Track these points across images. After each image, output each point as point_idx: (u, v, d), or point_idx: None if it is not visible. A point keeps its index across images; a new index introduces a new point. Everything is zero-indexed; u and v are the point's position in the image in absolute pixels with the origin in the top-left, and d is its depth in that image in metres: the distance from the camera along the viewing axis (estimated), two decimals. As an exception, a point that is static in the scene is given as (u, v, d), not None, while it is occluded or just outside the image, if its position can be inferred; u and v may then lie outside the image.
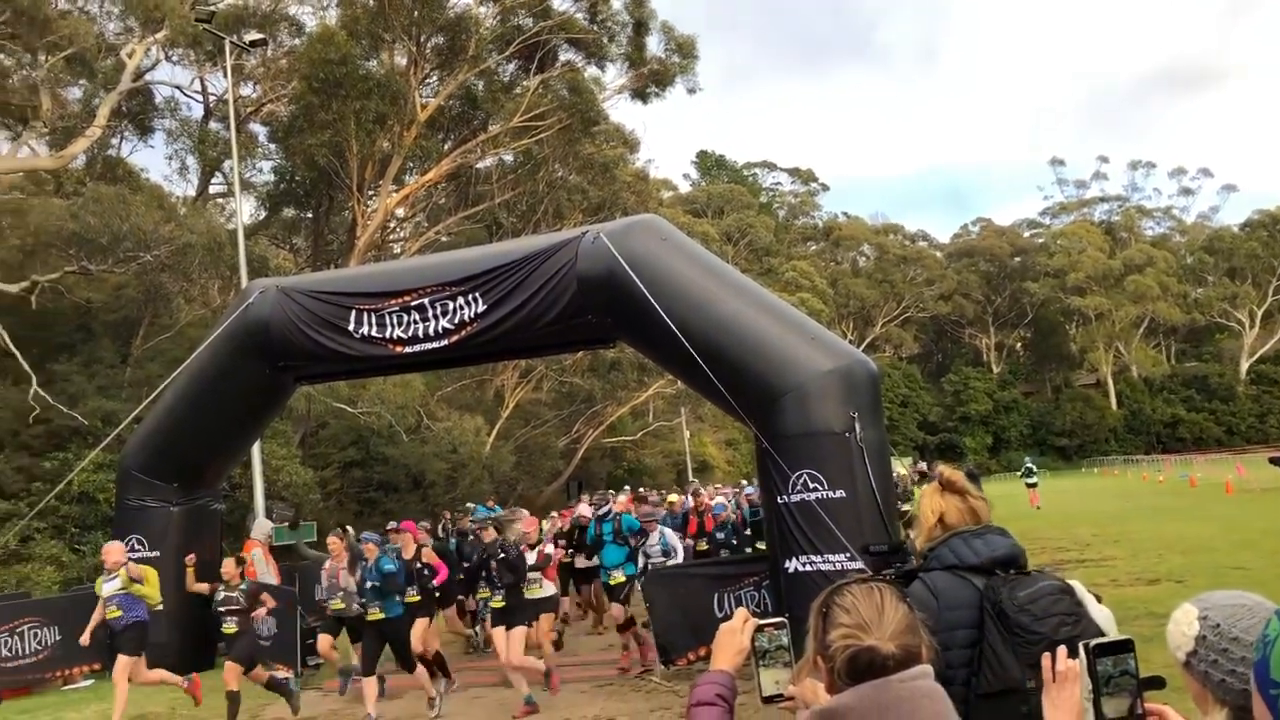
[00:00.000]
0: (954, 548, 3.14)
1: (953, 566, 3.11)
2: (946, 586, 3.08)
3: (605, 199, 33.90)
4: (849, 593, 2.05)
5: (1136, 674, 2.01)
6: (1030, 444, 78.40)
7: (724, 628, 2.40)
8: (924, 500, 3.30)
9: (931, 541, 3.20)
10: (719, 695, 2.27)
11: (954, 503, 3.21)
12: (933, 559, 3.17)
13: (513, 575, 9.79)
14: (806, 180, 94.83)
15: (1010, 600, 2.94)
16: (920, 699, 1.89)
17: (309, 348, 12.06)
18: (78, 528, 20.13)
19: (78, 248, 22.03)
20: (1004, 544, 3.12)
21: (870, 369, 10.25)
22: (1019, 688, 2.83)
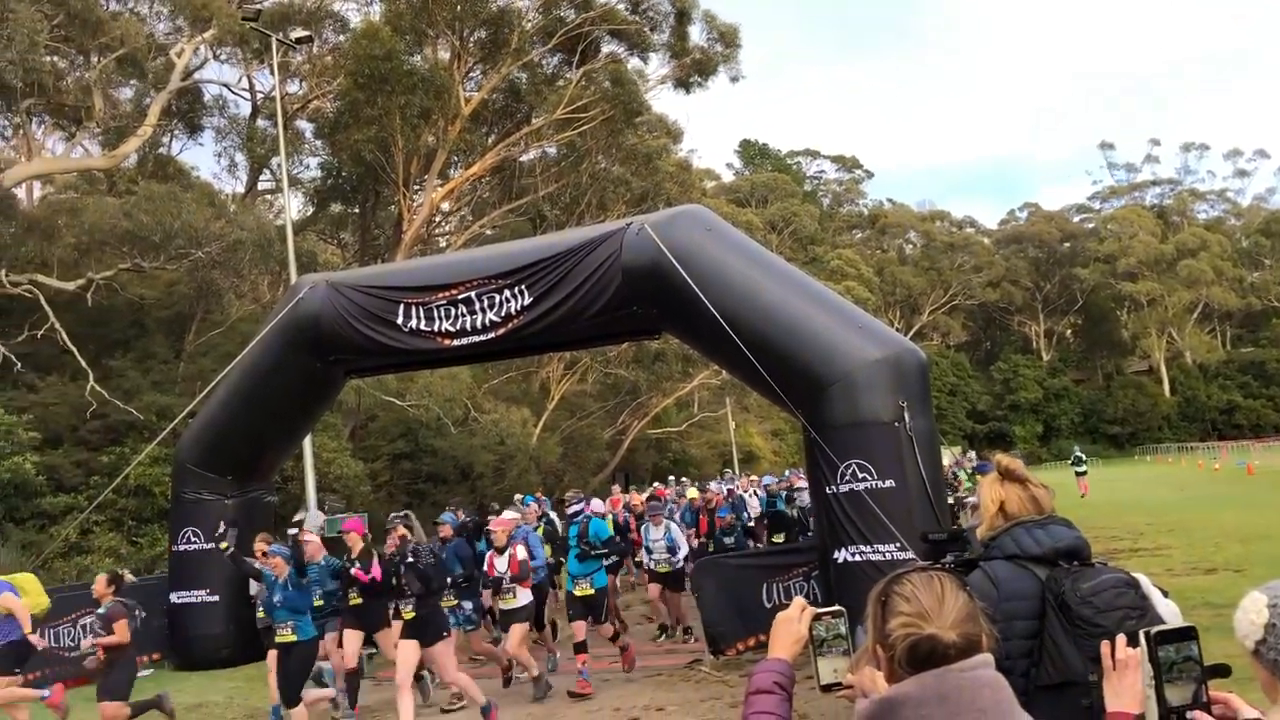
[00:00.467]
0: (1016, 537, 3.10)
1: (1014, 556, 3.07)
2: (1007, 576, 3.04)
3: (648, 190, 33.84)
4: (908, 581, 2.04)
5: (1200, 661, 1.99)
6: (1081, 432, 77.36)
7: (781, 616, 2.40)
8: (984, 489, 3.26)
9: (993, 531, 3.16)
10: (777, 683, 2.28)
11: (1014, 491, 3.17)
12: (994, 548, 3.14)
13: (421, 584, 8.65)
14: (851, 167, 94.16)
15: (1073, 592, 2.91)
16: (981, 688, 1.88)
17: (358, 341, 12.19)
18: (135, 520, 20.52)
19: (131, 245, 22.41)
20: (1068, 535, 3.08)
21: (919, 358, 10.16)
22: (1080, 680, 2.79)
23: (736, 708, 9.07)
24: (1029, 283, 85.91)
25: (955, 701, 1.85)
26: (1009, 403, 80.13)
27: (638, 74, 33.54)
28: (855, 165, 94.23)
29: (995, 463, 3.31)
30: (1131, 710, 2.14)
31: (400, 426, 28.58)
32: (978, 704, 1.86)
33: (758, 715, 2.23)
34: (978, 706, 1.86)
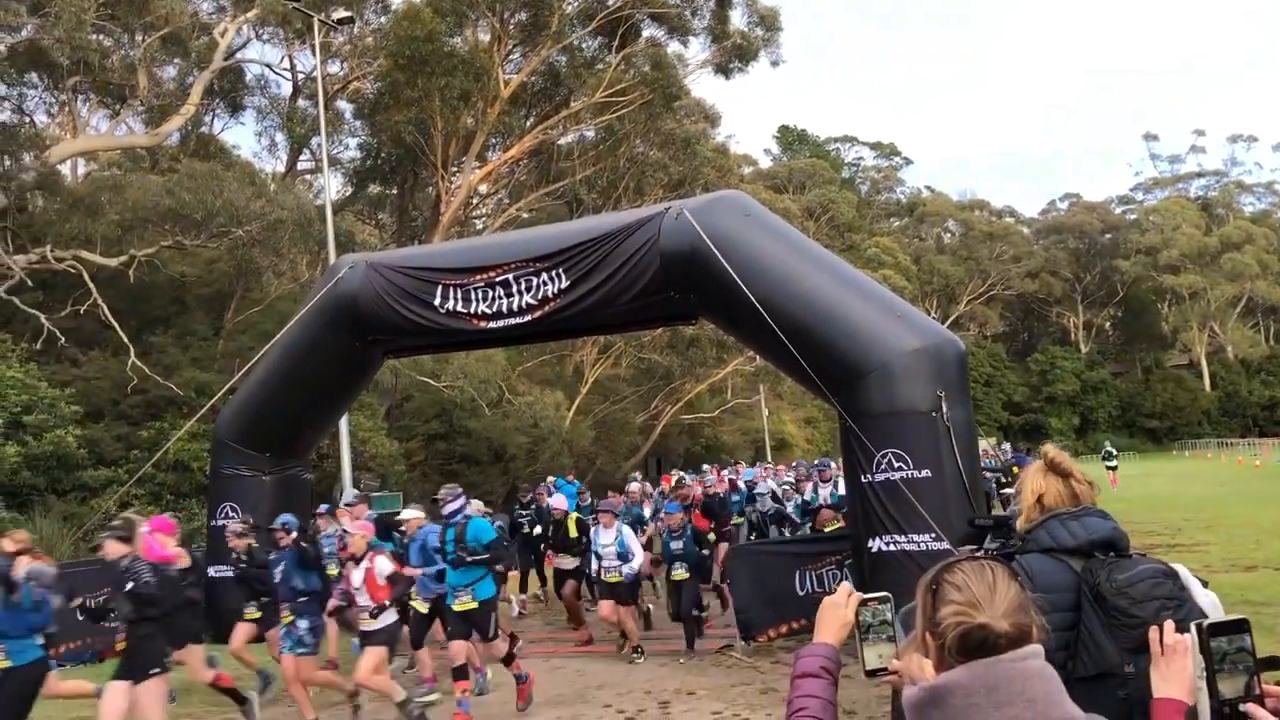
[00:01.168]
0: (1051, 530, 3.08)
1: (1049, 549, 3.05)
2: (1041, 569, 3.02)
3: (686, 174, 33.76)
4: (960, 570, 2.03)
5: (1253, 652, 1.97)
6: (1119, 426, 76.52)
7: (828, 601, 2.40)
8: (1026, 480, 3.23)
9: (1030, 524, 3.14)
10: (823, 667, 2.28)
11: (1054, 484, 3.14)
12: (1030, 541, 3.12)
13: (132, 607, 7.15)
14: (889, 154, 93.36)
15: (1109, 583, 2.89)
16: (1031, 678, 1.87)
17: (396, 322, 12.26)
18: (174, 495, 20.82)
19: (173, 223, 22.68)
20: (1103, 526, 3.05)
21: (958, 347, 10.08)
22: (1116, 672, 2.78)
23: (767, 694, 9.08)
24: (1068, 274, 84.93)
25: (1005, 691, 1.84)
26: (1045, 395, 79.37)
27: (677, 58, 33.44)
28: (894, 152, 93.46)
29: (1042, 454, 3.28)
30: (1181, 697, 2.12)
31: (435, 407, 28.78)
32: (1027, 694, 1.85)
33: (803, 699, 2.23)
34: (1027, 697, 1.84)
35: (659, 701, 9.13)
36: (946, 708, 1.86)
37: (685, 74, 33.85)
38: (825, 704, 2.23)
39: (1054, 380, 79.28)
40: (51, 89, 25.18)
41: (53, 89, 25.14)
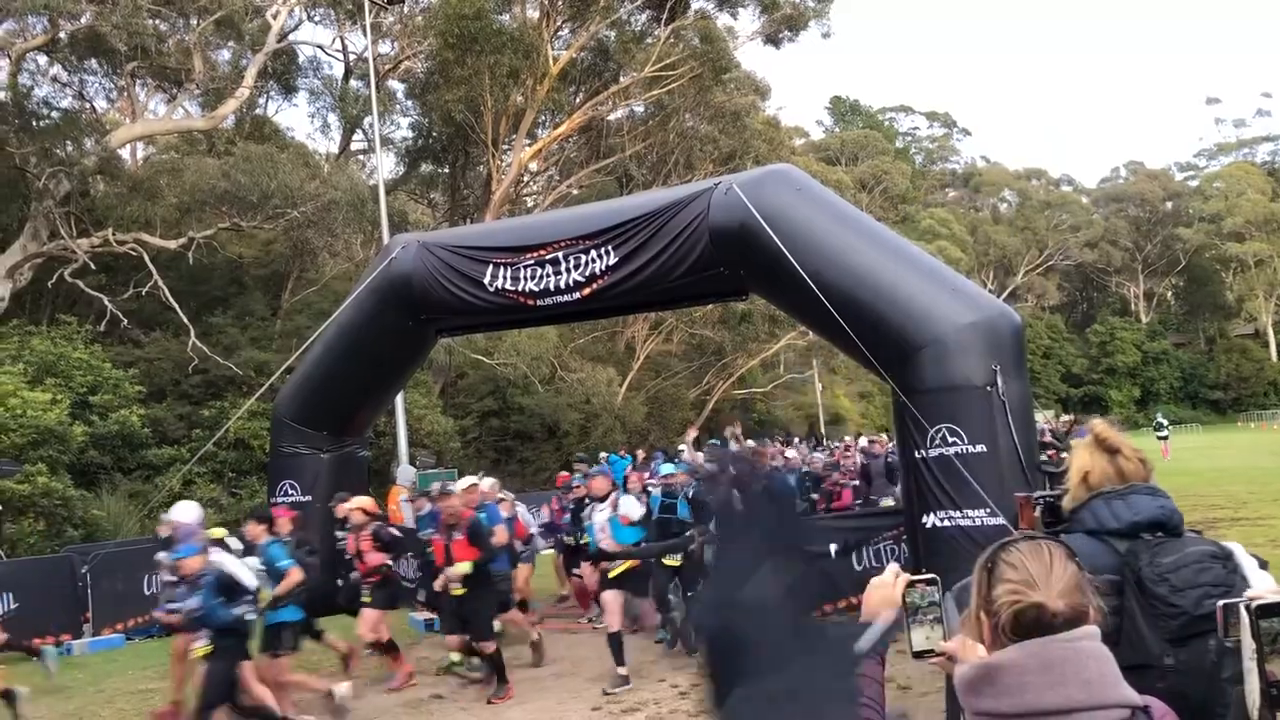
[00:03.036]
0: (1094, 510, 2.96)
1: (1092, 531, 2.94)
2: (1084, 551, 2.88)
3: (736, 148, 33.52)
4: (1016, 549, 2.01)
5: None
6: (1181, 397, 75.10)
7: (875, 581, 2.39)
8: (1074, 456, 3.11)
9: (1076, 502, 3.03)
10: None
11: (1101, 461, 3.01)
12: (1075, 521, 3.01)
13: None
14: (946, 124, 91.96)
15: (1151, 568, 2.76)
16: (1087, 659, 1.85)
17: (447, 301, 12.34)
18: (234, 472, 21.24)
19: (230, 205, 23.01)
20: (1150, 505, 2.91)
21: (1014, 321, 9.93)
22: (1155, 664, 2.64)
23: (820, 670, 9.06)
24: (1129, 243, 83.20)
25: (1059, 671, 1.82)
26: (1105, 366, 77.99)
27: (727, 30, 33.17)
28: (950, 122, 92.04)
29: (1090, 428, 3.15)
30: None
31: (489, 384, 29.01)
32: (1083, 675, 1.83)
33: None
34: (1083, 678, 1.83)
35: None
36: (999, 686, 1.85)
37: (735, 46, 33.58)
38: (873, 683, 2.23)
39: (1114, 352, 77.84)
40: (110, 74, 25.61)
41: (112, 74, 25.57)
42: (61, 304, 23.07)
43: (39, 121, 22.91)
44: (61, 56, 23.80)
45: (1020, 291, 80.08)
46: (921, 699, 7.79)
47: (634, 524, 10.04)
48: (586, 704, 8.64)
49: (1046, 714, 1.79)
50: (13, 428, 16.37)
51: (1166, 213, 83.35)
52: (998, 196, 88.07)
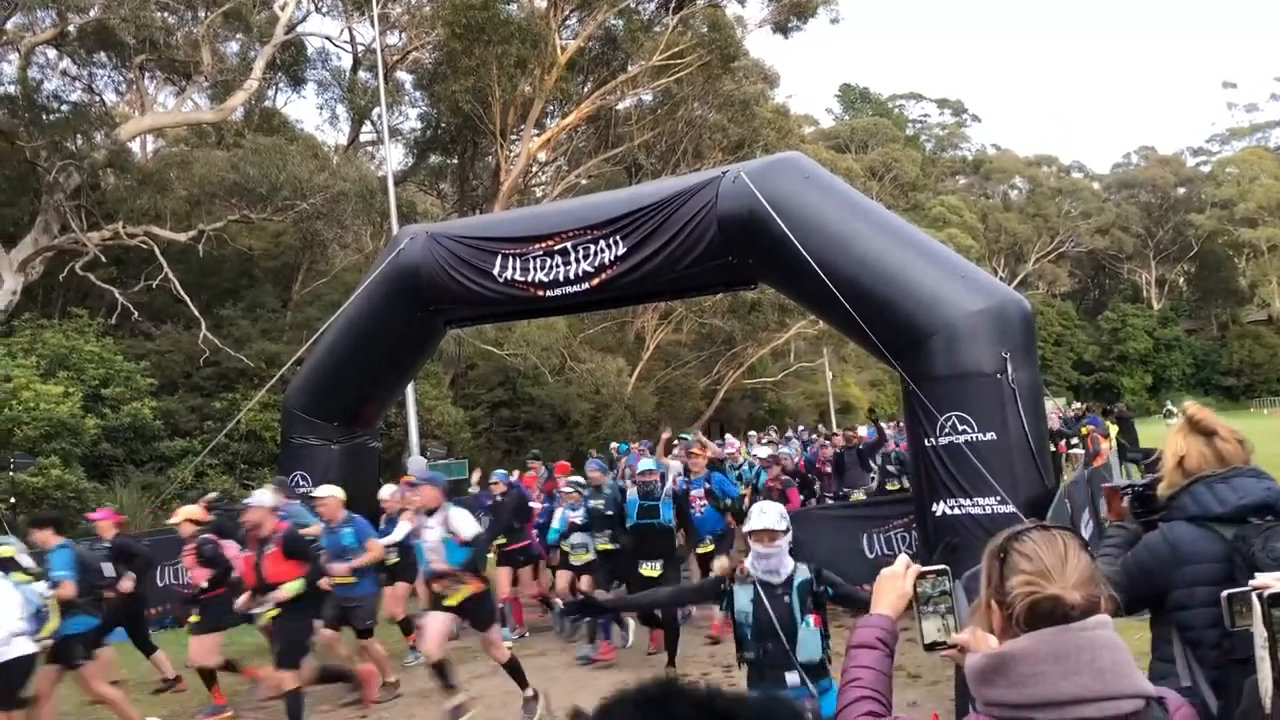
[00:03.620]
0: (1196, 495, 2.89)
1: (1195, 517, 2.88)
2: (1186, 539, 2.86)
3: (745, 136, 33.44)
4: (1029, 539, 1.98)
5: None
6: (1194, 384, 74.80)
7: (885, 572, 2.37)
8: (1168, 441, 3.06)
9: (1173, 488, 2.98)
10: (879, 639, 2.27)
11: (1196, 444, 2.96)
12: (1175, 508, 2.95)
13: None
14: (956, 111, 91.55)
15: (1265, 553, 2.69)
16: (1100, 649, 1.83)
17: (456, 291, 12.36)
18: (247, 464, 21.30)
19: (239, 197, 23.05)
20: (1256, 488, 2.85)
21: (1024, 308, 9.90)
22: None
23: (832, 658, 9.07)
24: (1140, 229, 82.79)
25: (1074, 660, 1.81)
26: (1117, 353, 77.70)
27: (735, 18, 33.05)
28: (960, 109, 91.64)
29: (1182, 411, 3.10)
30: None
31: (499, 375, 29.04)
32: (1097, 664, 1.81)
33: (859, 669, 2.22)
34: (1097, 667, 1.81)
35: (723, 665, 9.17)
36: (1012, 676, 1.83)
37: (743, 34, 33.48)
38: (879, 675, 2.21)
39: (1125, 338, 77.55)
40: (119, 68, 25.62)
41: (120, 67, 25.58)
42: (73, 297, 23.15)
43: (49, 115, 22.96)
44: (70, 50, 23.82)
45: (1031, 279, 79.80)
46: (932, 688, 7.80)
47: (467, 543, 8.07)
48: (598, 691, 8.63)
49: (1060, 704, 1.77)
50: (26, 421, 16.45)
51: (1178, 198, 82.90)
52: (1008, 183, 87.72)
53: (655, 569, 9.71)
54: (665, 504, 10.00)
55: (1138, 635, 7.72)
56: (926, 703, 7.23)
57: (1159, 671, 3.05)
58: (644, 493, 10.01)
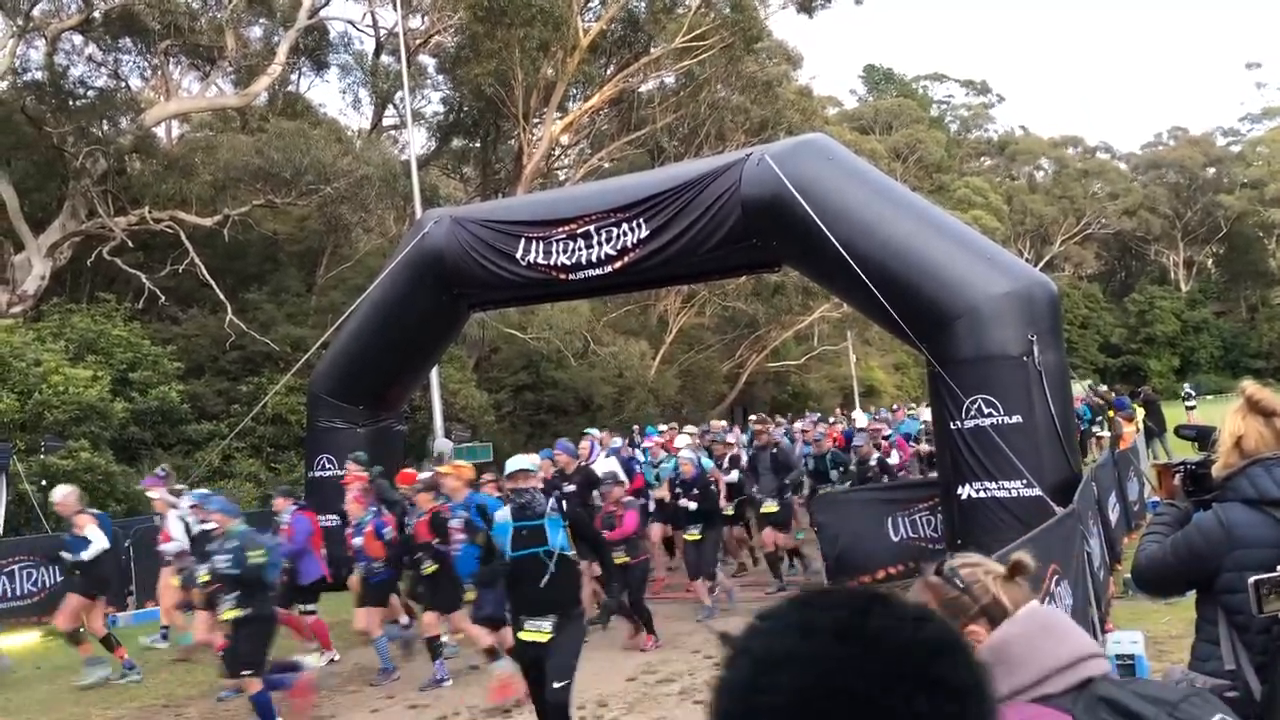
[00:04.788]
0: (1253, 478, 2.83)
1: (1252, 500, 2.83)
2: (1242, 521, 2.81)
3: (768, 118, 33.24)
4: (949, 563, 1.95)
5: None
6: (1222, 366, 73.99)
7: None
8: (1225, 422, 3.00)
9: (1228, 469, 2.92)
10: None
11: (1255, 425, 2.89)
12: (1229, 489, 2.90)
13: None
14: (981, 92, 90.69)
15: None
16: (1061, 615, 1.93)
17: (479, 275, 12.40)
18: (273, 447, 21.47)
19: (264, 182, 23.14)
20: None
21: (1050, 290, 9.84)
22: None
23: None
24: (1168, 210, 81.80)
25: (1060, 629, 1.85)
26: (1144, 336, 76.93)
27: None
28: (985, 89, 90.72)
29: (1240, 391, 3.05)
30: None
31: (522, 359, 29.10)
32: (1072, 627, 1.87)
33: None
34: (1075, 629, 1.87)
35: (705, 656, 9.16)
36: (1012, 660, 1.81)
37: (766, 15, 33.24)
38: None
39: (1153, 321, 76.75)
40: (145, 53, 25.76)
41: (146, 53, 25.72)
42: (100, 282, 23.35)
43: (75, 101, 23.13)
44: (96, 35, 23.96)
45: (1057, 261, 79.07)
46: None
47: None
48: (622, 675, 8.70)
49: (1065, 667, 1.78)
50: (55, 404, 16.63)
51: (1207, 179, 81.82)
52: (1034, 165, 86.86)
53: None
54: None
55: (1166, 619, 7.75)
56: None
57: (1202, 654, 3.03)
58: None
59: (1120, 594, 8.77)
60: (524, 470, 6.49)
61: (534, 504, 6.35)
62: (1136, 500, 12.88)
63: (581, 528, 6.53)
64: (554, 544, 6.23)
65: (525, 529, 6.26)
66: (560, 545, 6.25)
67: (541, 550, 6.20)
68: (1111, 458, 12.57)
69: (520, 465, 6.52)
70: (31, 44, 22.84)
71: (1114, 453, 13.30)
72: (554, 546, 6.22)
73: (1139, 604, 8.28)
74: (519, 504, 6.34)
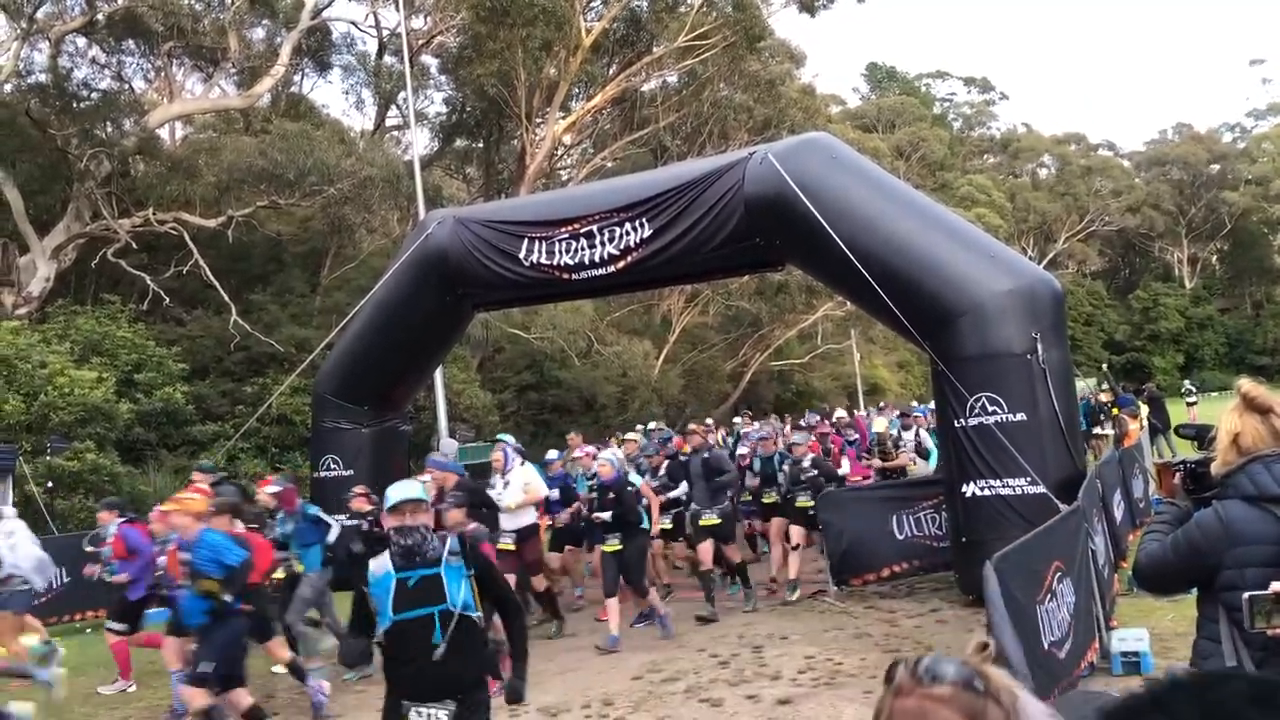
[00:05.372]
0: (1253, 475, 2.84)
1: (1251, 497, 2.83)
2: (1241, 518, 2.82)
3: (771, 117, 33.24)
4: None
5: None
6: (1226, 363, 73.84)
7: None
8: (1222, 418, 3.02)
9: (1227, 467, 2.93)
10: None
11: (1251, 423, 2.90)
12: (1229, 487, 2.91)
13: None
14: (983, 89, 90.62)
15: None
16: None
17: (483, 275, 12.42)
18: (278, 448, 21.51)
19: (267, 183, 23.19)
20: None
21: (1054, 287, 9.85)
22: None
23: (860, 638, 9.09)
24: (1172, 207, 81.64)
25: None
26: (1148, 333, 76.81)
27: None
28: (988, 87, 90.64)
29: (1236, 389, 3.07)
30: None
31: (526, 358, 29.13)
32: None
33: None
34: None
35: (752, 646, 9.20)
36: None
37: (768, 13, 33.23)
38: None
39: (1157, 318, 76.63)
40: (148, 55, 25.81)
41: (149, 55, 25.77)
42: (105, 283, 23.40)
43: (79, 103, 23.19)
44: (100, 38, 24.01)
45: (1061, 258, 78.92)
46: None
47: None
48: (627, 674, 8.71)
49: None
50: (61, 406, 16.67)
51: (1211, 176, 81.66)
52: (1037, 162, 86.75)
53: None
54: None
55: (1170, 616, 7.75)
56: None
57: (1203, 651, 3.04)
58: None
59: (1125, 591, 8.77)
60: (411, 501, 4.62)
61: (424, 547, 4.54)
62: (1142, 497, 12.88)
63: (489, 580, 4.77)
64: (454, 601, 4.48)
65: (413, 581, 4.48)
66: (463, 603, 4.52)
67: (437, 610, 4.45)
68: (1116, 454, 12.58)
69: (406, 495, 4.64)
70: (35, 47, 22.91)
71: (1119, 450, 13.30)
72: (453, 605, 4.47)
73: (1144, 601, 8.28)
74: (404, 547, 4.52)
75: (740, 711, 7.35)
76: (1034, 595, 5.61)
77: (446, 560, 4.52)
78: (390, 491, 4.69)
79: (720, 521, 10.75)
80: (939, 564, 10.56)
